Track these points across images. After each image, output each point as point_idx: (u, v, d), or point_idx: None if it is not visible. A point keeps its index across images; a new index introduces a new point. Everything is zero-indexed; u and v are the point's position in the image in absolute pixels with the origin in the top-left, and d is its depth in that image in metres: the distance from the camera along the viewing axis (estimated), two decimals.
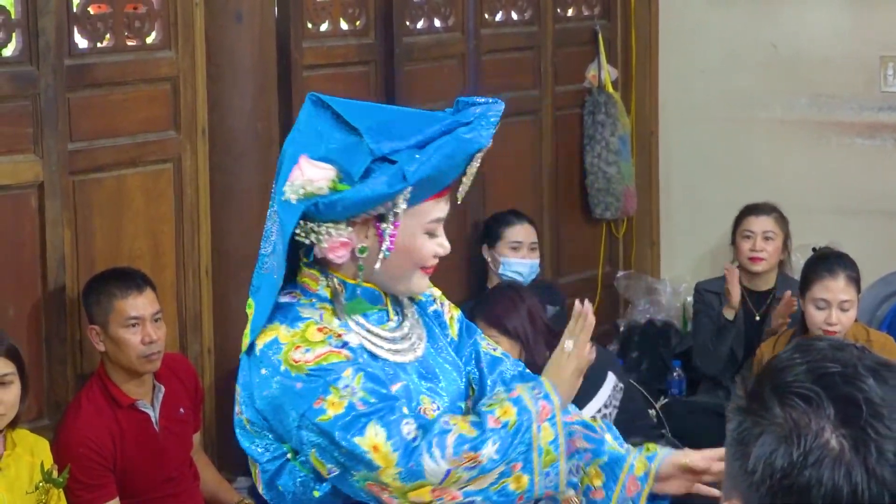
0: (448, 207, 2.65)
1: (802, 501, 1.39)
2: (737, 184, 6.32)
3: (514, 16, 6.08)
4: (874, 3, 6.23)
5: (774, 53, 6.40)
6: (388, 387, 2.55)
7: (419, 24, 5.58)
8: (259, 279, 2.62)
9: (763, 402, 1.44)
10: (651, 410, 5.52)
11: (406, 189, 2.49)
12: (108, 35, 4.49)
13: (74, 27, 4.39)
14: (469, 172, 2.63)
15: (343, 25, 5.27)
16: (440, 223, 2.63)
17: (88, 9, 4.43)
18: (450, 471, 2.46)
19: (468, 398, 2.81)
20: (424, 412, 2.63)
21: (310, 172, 2.52)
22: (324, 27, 5.20)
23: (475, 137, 2.57)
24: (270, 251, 2.62)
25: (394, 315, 2.70)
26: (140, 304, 4.23)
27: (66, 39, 4.33)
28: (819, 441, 1.39)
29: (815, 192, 6.29)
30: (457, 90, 5.68)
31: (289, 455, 2.57)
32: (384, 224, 2.55)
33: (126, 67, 4.53)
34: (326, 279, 2.62)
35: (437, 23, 5.67)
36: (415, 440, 2.46)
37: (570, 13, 6.38)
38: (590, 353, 2.71)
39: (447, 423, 2.51)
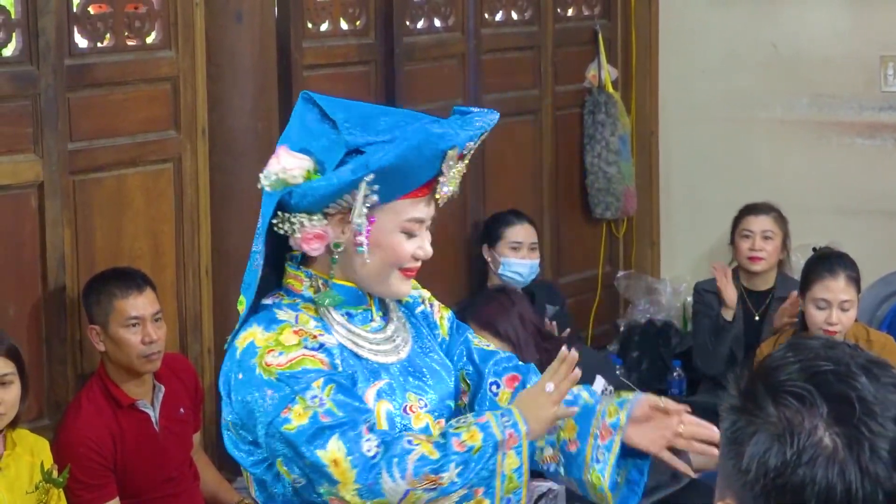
0: (429, 211, 2.62)
1: (796, 500, 1.39)
2: (737, 184, 6.32)
3: (515, 15, 6.08)
4: (874, 3, 6.22)
5: (775, 53, 6.40)
6: (361, 398, 2.53)
7: (419, 24, 5.58)
8: (250, 276, 2.64)
9: (756, 401, 1.44)
10: None
11: (367, 175, 2.48)
12: (109, 35, 4.49)
13: (74, 27, 4.38)
14: (448, 174, 2.58)
15: (343, 25, 5.27)
16: (420, 225, 2.61)
17: (88, 9, 4.43)
18: (409, 491, 2.45)
19: (460, 397, 2.81)
20: (411, 409, 2.63)
21: (286, 161, 2.57)
22: (324, 27, 5.20)
23: (446, 133, 2.54)
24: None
25: (377, 316, 2.69)
26: (140, 304, 4.23)
27: (67, 39, 4.33)
28: (812, 439, 1.39)
29: (816, 192, 6.29)
30: (457, 90, 5.69)
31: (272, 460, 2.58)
32: (359, 220, 2.55)
33: (126, 67, 4.52)
34: (310, 280, 2.63)
35: (438, 23, 5.67)
36: (375, 457, 2.45)
37: (571, 13, 6.38)
38: (567, 412, 2.65)
39: (410, 443, 2.49)
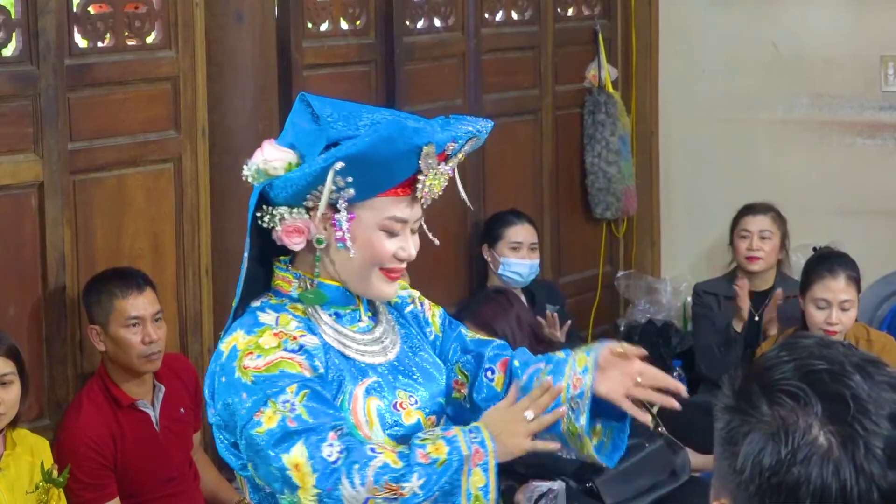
0: (413, 213, 2.60)
1: (791, 499, 1.39)
2: (737, 183, 6.32)
3: (515, 15, 6.08)
4: (875, 3, 6.22)
5: (775, 53, 6.39)
6: (335, 406, 2.52)
7: (419, 24, 5.58)
8: (239, 274, 2.67)
9: (751, 401, 1.44)
10: (651, 410, 5.49)
11: (336, 163, 2.47)
12: (109, 35, 4.49)
13: (75, 27, 4.38)
14: (428, 173, 2.56)
15: (343, 25, 5.26)
16: (402, 225, 2.60)
17: (89, 8, 4.43)
18: (369, 499, 2.42)
19: (452, 394, 2.81)
20: (401, 406, 2.62)
21: (268, 153, 2.61)
22: (324, 27, 5.20)
23: (421, 129, 2.53)
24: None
25: (366, 316, 2.69)
26: (140, 304, 4.23)
27: (67, 39, 4.33)
28: (807, 438, 1.39)
29: (816, 192, 6.29)
30: (457, 90, 5.69)
31: None
32: (338, 214, 2.55)
33: (126, 67, 4.52)
34: (298, 280, 2.63)
35: (438, 22, 5.67)
36: (335, 462, 2.43)
37: (571, 13, 6.38)
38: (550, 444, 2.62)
39: (373, 451, 2.47)
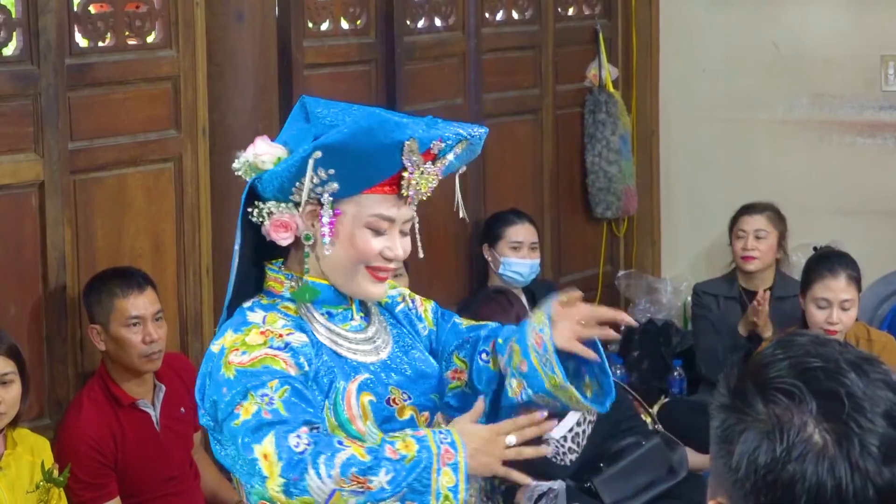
0: (401, 212, 2.60)
1: (787, 497, 1.39)
2: (738, 183, 6.32)
3: (515, 15, 6.08)
4: (875, 3, 6.22)
5: (776, 53, 6.39)
6: (316, 405, 2.51)
7: (420, 24, 5.58)
8: (231, 273, 2.68)
9: (746, 399, 1.44)
10: (650, 410, 5.50)
11: (314, 152, 2.48)
12: (109, 34, 4.49)
13: (75, 26, 4.38)
14: (413, 171, 2.56)
15: (344, 24, 5.26)
16: (389, 224, 2.60)
17: (89, 8, 4.43)
18: (335, 491, 2.39)
19: (445, 390, 2.82)
20: (395, 401, 2.63)
21: (260, 148, 2.62)
22: (325, 26, 5.20)
23: (403, 124, 2.53)
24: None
25: (358, 316, 2.69)
26: (141, 304, 4.23)
27: (67, 38, 4.33)
28: (802, 436, 1.39)
29: (817, 192, 6.28)
30: (458, 89, 5.69)
31: None
32: (322, 209, 2.56)
33: (127, 67, 4.52)
34: (290, 281, 2.64)
35: (438, 22, 5.67)
36: (302, 453, 2.40)
37: (571, 12, 6.38)
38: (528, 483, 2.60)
39: (341, 443, 2.45)
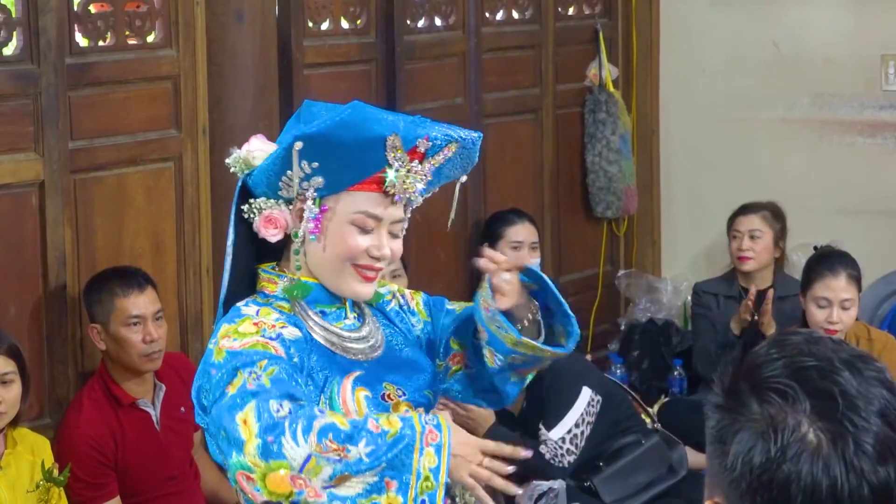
0: (389, 211, 2.59)
1: (782, 496, 1.39)
2: (738, 183, 6.31)
3: (515, 14, 6.08)
4: (875, 3, 6.22)
5: (776, 52, 6.39)
6: (303, 389, 2.49)
7: (420, 23, 5.58)
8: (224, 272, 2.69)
9: (740, 399, 1.44)
10: (649, 409, 5.49)
11: (295, 143, 2.48)
12: (109, 34, 4.49)
13: (75, 26, 4.38)
14: (397, 168, 2.55)
15: (344, 24, 5.26)
16: (376, 222, 2.59)
17: (89, 7, 4.43)
18: (310, 456, 2.32)
19: (451, 371, 2.84)
20: (389, 397, 2.63)
21: (253, 146, 2.64)
22: (325, 26, 5.20)
23: (386, 119, 2.52)
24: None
25: (352, 315, 2.69)
26: (141, 303, 4.23)
27: (67, 38, 4.33)
28: (796, 435, 1.39)
29: (817, 191, 6.28)
30: (458, 89, 5.69)
31: None
32: (307, 204, 2.56)
33: (127, 66, 4.52)
34: (283, 281, 2.64)
35: (438, 21, 5.66)
36: (281, 417, 2.35)
37: (571, 12, 6.38)
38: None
39: (322, 412, 2.41)
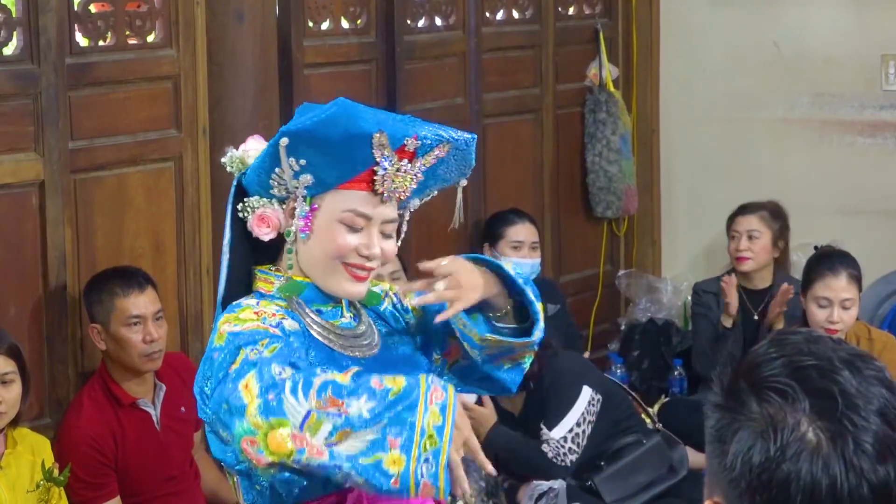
0: (378, 210, 2.58)
1: (782, 496, 1.39)
2: (738, 183, 6.31)
3: (516, 14, 6.08)
4: (876, 3, 6.22)
5: (776, 52, 6.39)
6: (303, 363, 2.47)
7: (420, 23, 5.58)
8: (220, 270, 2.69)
9: (739, 398, 1.44)
10: (648, 409, 5.50)
11: (281, 139, 2.47)
12: (110, 34, 4.49)
13: (75, 25, 4.38)
14: (386, 166, 2.54)
15: (344, 24, 5.26)
16: (365, 221, 2.58)
17: (90, 7, 4.43)
18: (310, 412, 2.28)
19: (450, 364, 2.83)
20: None
21: (249, 145, 2.65)
22: (325, 26, 5.20)
23: (372, 116, 2.51)
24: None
25: (348, 313, 2.69)
26: (141, 303, 4.23)
27: (68, 38, 4.33)
28: (796, 435, 1.39)
29: (817, 191, 6.28)
30: (458, 89, 5.69)
31: None
32: (297, 203, 2.56)
33: (127, 66, 4.52)
34: (278, 281, 2.64)
35: (438, 21, 5.66)
36: (282, 378, 2.33)
37: (572, 11, 6.38)
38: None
39: (323, 370, 2.39)
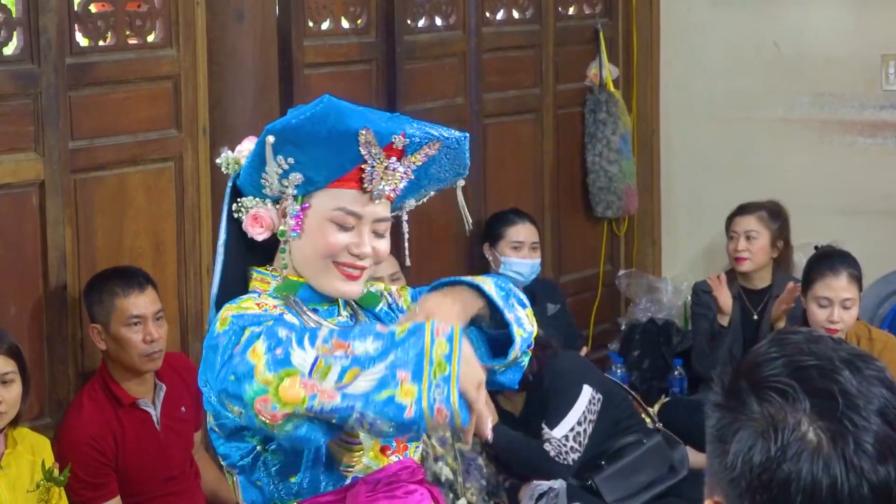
0: (368, 209, 2.57)
1: (782, 496, 1.39)
2: (738, 183, 6.31)
3: (516, 14, 6.08)
4: (876, 3, 6.22)
5: (776, 52, 6.39)
6: None
7: (420, 23, 5.58)
8: (215, 269, 2.69)
9: (740, 398, 1.44)
10: (648, 409, 5.50)
11: (267, 136, 2.47)
12: (110, 33, 4.49)
13: (76, 25, 4.38)
14: (374, 164, 2.53)
15: (344, 24, 5.26)
16: (356, 219, 2.57)
17: (90, 7, 4.43)
18: (318, 358, 2.29)
19: None
20: None
21: (244, 146, 2.63)
22: (325, 25, 5.20)
23: (358, 113, 2.51)
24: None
25: (345, 312, 2.69)
26: (142, 303, 4.23)
27: (68, 38, 4.33)
28: (796, 434, 1.39)
29: (817, 191, 6.28)
30: (458, 89, 5.69)
31: (259, 447, 2.55)
32: (289, 202, 2.55)
33: (127, 66, 4.52)
34: (274, 280, 2.64)
35: (439, 21, 5.66)
36: (288, 337, 2.34)
37: (572, 11, 6.38)
38: None
39: (327, 327, 2.39)
